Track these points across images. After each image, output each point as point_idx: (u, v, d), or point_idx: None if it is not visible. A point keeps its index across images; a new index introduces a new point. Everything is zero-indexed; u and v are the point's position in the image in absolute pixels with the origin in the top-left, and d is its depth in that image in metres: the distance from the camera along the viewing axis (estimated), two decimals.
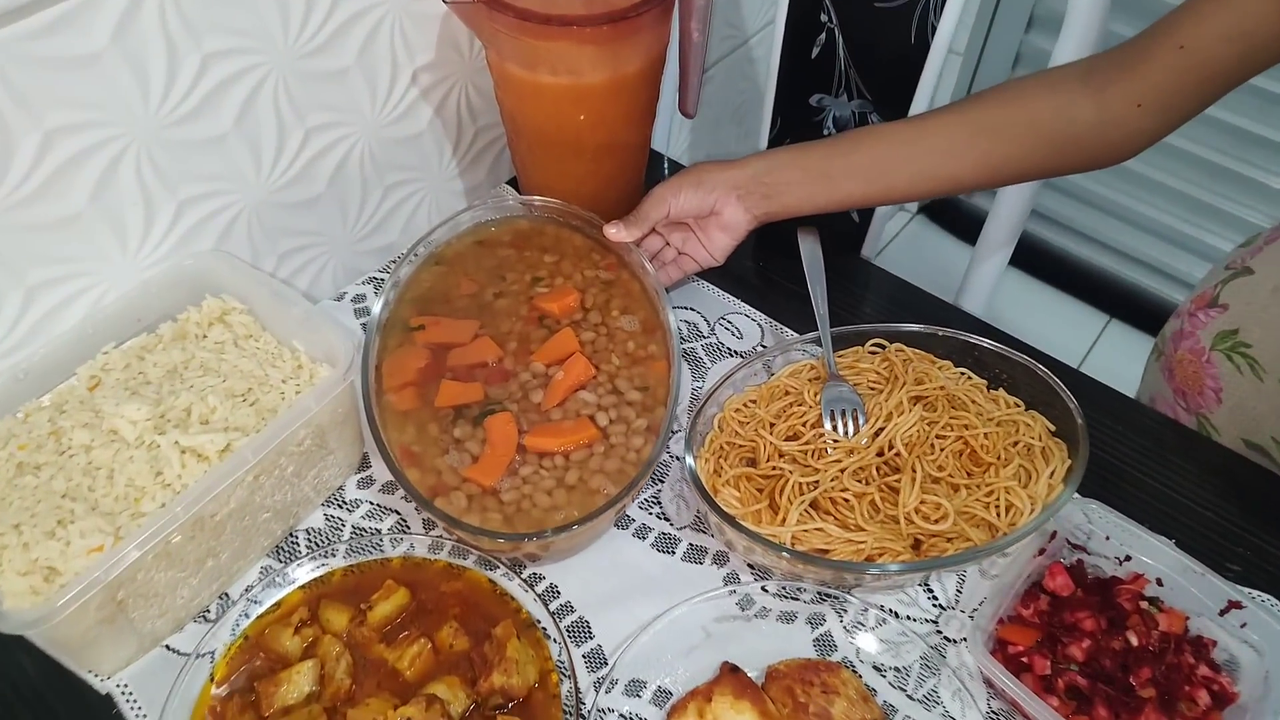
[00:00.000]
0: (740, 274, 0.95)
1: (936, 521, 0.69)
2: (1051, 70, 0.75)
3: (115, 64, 0.66)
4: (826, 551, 0.69)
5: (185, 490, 0.64)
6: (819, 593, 0.71)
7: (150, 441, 0.66)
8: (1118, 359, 1.91)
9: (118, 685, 0.68)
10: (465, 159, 0.99)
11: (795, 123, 1.06)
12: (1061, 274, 2.08)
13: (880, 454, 0.74)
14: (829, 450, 0.74)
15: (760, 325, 0.90)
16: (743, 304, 0.92)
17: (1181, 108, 0.68)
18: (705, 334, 0.90)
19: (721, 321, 0.91)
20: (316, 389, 0.68)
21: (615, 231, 0.81)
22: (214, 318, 0.75)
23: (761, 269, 0.96)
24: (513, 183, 1.05)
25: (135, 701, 0.67)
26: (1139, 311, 2.02)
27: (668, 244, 0.89)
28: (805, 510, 0.70)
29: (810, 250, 0.85)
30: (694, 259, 0.87)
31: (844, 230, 1.09)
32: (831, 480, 0.72)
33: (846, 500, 0.71)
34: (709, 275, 0.94)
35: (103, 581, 0.59)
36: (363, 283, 0.94)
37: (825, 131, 1.05)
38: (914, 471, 0.71)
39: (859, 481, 0.72)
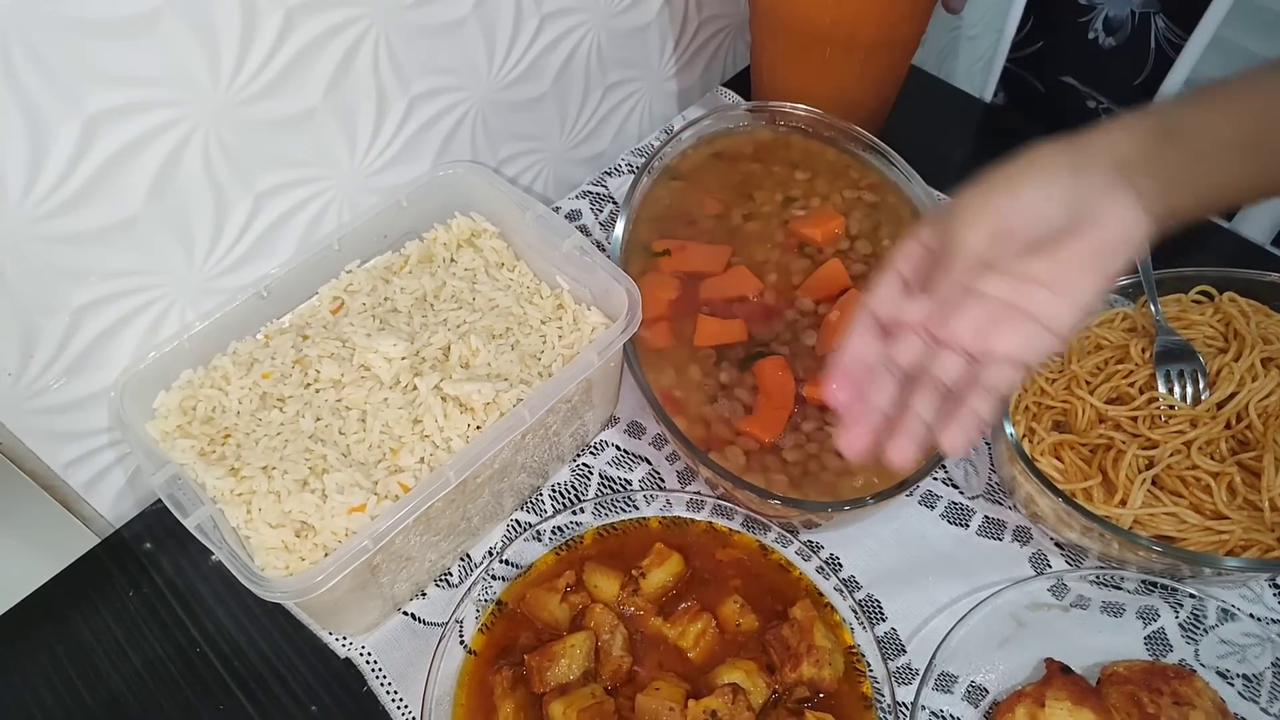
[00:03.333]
0: None
1: None
2: None
3: None
4: (1173, 539, 0.59)
5: (458, 452, 0.55)
6: (1144, 581, 0.61)
7: (407, 383, 0.57)
8: None
9: (360, 651, 0.61)
10: (684, 57, 0.87)
11: (1053, 25, 0.91)
12: None
13: (1227, 425, 0.63)
14: (1163, 419, 0.63)
15: None
16: None
17: None
18: None
19: None
20: (597, 342, 0.58)
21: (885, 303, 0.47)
22: (463, 239, 0.65)
23: None
24: (730, 85, 0.93)
25: (379, 669, 0.60)
26: None
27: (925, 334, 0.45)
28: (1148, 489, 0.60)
29: None
30: (1009, 351, 0.42)
31: None
32: (1172, 454, 0.61)
33: (1198, 479, 0.60)
34: None
35: (370, 550, 0.51)
36: (575, 197, 0.83)
37: (1091, 36, 0.90)
38: (1277, 447, 0.61)
39: (1209, 458, 0.61)
